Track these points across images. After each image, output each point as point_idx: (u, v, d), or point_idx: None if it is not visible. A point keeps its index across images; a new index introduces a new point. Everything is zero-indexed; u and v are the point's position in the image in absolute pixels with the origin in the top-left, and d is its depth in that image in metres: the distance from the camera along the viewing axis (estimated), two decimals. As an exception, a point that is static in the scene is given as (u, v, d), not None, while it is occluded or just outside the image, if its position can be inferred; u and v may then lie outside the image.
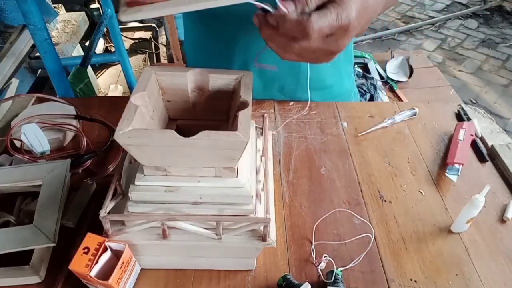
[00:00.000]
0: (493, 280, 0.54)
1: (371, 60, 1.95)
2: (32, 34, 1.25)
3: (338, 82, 0.85)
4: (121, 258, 0.47)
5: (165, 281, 0.53)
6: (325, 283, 0.52)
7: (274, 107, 0.83)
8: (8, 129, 0.72)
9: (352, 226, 0.61)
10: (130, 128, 0.41)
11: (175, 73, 0.50)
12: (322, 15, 0.42)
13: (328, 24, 0.42)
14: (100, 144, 0.73)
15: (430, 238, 0.60)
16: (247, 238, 0.49)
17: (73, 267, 0.45)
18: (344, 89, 0.88)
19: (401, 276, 0.54)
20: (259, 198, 0.49)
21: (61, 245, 0.54)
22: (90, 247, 0.46)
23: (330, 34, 0.43)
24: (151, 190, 0.46)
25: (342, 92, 0.87)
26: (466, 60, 2.76)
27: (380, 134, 0.78)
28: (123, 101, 0.47)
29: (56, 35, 1.87)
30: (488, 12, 3.28)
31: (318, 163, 0.71)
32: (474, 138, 0.75)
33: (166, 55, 2.64)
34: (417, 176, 0.69)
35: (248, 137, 0.41)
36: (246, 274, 0.54)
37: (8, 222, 0.57)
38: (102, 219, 0.46)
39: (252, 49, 0.74)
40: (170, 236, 0.48)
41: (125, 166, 0.52)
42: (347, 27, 0.43)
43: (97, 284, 0.46)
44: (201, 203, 0.47)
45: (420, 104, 0.84)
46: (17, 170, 0.62)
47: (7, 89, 1.49)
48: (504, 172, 0.70)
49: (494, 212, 0.63)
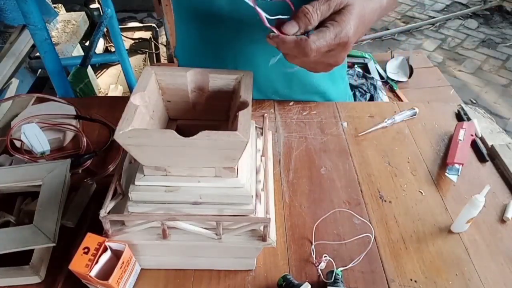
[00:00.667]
0: (493, 280, 0.54)
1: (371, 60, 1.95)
2: (32, 34, 1.25)
3: (332, 86, 0.84)
4: (121, 258, 0.47)
5: (165, 281, 0.53)
6: (325, 283, 0.52)
7: (274, 107, 0.83)
8: (8, 129, 0.72)
9: (352, 226, 0.61)
10: (130, 128, 0.41)
11: (175, 73, 0.50)
12: (320, 36, 0.43)
13: (327, 44, 0.44)
14: (100, 144, 0.73)
15: (430, 238, 0.60)
16: (247, 238, 0.49)
17: (73, 267, 0.45)
18: (339, 92, 0.87)
19: (401, 276, 0.54)
20: (259, 198, 0.49)
21: (61, 245, 0.54)
22: (90, 247, 0.46)
23: (329, 51, 0.45)
24: (151, 190, 0.46)
25: (337, 96, 0.87)
26: (466, 60, 2.76)
27: (380, 134, 0.78)
28: (123, 101, 0.47)
29: (56, 35, 1.87)
30: (488, 12, 3.29)
31: (318, 163, 0.71)
32: (474, 138, 0.74)
33: (166, 55, 2.63)
34: (417, 176, 0.69)
35: (248, 137, 0.41)
36: (246, 274, 0.54)
37: (8, 222, 0.57)
38: (102, 219, 0.46)
39: (244, 54, 0.74)
40: (170, 236, 0.48)
41: (125, 166, 0.52)
42: (345, 44, 0.45)
43: (97, 284, 0.46)
44: (201, 203, 0.47)
45: (420, 104, 0.84)
46: (17, 170, 0.62)
47: (7, 89, 1.49)
48: (504, 172, 0.70)
49: (494, 212, 0.63)
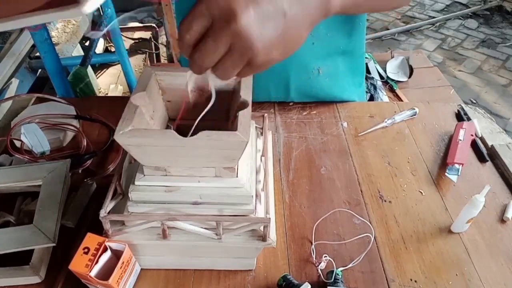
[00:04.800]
0: (493, 280, 0.54)
1: (371, 60, 1.94)
2: (32, 34, 1.25)
3: (341, 94, 0.83)
4: (121, 258, 0.47)
5: (165, 281, 0.53)
6: (325, 283, 0.52)
7: (274, 107, 0.83)
8: (8, 129, 0.72)
9: (352, 226, 0.61)
10: (130, 128, 0.41)
11: (175, 73, 0.50)
12: None
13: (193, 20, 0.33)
14: (100, 144, 0.73)
15: (430, 238, 0.59)
16: (247, 238, 0.49)
17: (73, 267, 0.45)
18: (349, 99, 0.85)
19: (401, 276, 0.54)
20: (259, 198, 0.49)
21: (61, 245, 0.54)
22: (90, 247, 0.46)
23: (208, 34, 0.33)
24: (151, 190, 0.46)
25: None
26: (466, 60, 2.76)
27: (380, 134, 0.78)
28: (123, 101, 0.47)
29: (56, 35, 1.87)
30: (488, 12, 3.28)
31: (318, 163, 0.71)
32: (474, 138, 0.74)
33: (166, 55, 2.63)
34: (417, 176, 0.69)
35: (248, 137, 0.41)
36: (246, 274, 0.54)
37: (8, 222, 0.57)
38: (102, 219, 0.46)
39: None
40: (170, 236, 0.48)
41: (125, 166, 0.52)
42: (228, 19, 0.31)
43: (97, 284, 0.46)
44: (201, 203, 0.47)
45: (420, 104, 0.84)
46: (17, 170, 0.62)
47: (7, 89, 1.49)
48: (504, 172, 0.70)
49: (494, 212, 0.63)
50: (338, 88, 0.82)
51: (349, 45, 0.76)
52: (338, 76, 0.79)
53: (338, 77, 0.80)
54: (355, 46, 0.78)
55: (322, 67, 0.77)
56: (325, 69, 0.77)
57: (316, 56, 0.75)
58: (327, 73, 0.78)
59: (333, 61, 0.77)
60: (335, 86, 0.81)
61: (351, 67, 0.81)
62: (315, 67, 0.76)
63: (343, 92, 0.83)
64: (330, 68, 0.77)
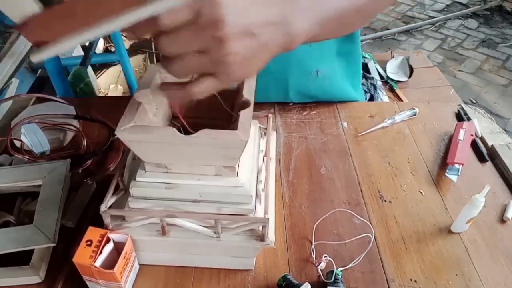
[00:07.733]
0: (493, 280, 0.54)
1: (371, 60, 1.94)
2: (32, 34, 1.25)
3: (340, 95, 0.84)
4: (124, 248, 0.47)
5: (165, 280, 0.53)
6: (325, 283, 0.52)
7: (274, 108, 0.83)
8: (8, 129, 0.72)
9: (352, 226, 0.61)
10: (132, 125, 0.41)
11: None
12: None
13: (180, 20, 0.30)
14: (100, 144, 0.73)
15: (430, 238, 0.59)
16: (245, 237, 0.49)
17: (77, 260, 0.45)
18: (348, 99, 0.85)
19: (401, 276, 0.54)
20: (259, 198, 0.49)
21: (61, 245, 0.54)
22: (92, 239, 0.46)
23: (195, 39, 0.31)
24: (151, 187, 0.46)
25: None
26: (466, 60, 2.76)
27: (380, 134, 0.78)
28: (123, 101, 0.47)
29: (56, 35, 1.86)
30: (488, 12, 3.28)
31: (318, 163, 0.71)
32: (474, 138, 0.74)
33: (166, 55, 2.63)
34: (417, 176, 0.69)
35: (248, 137, 0.41)
36: (246, 274, 0.54)
37: (8, 222, 0.57)
38: (103, 213, 0.46)
39: None
40: (169, 233, 0.48)
41: (128, 162, 0.53)
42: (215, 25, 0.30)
43: (100, 277, 0.46)
44: (201, 201, 0.47)
45: (420, 104, 0.84)
46: (17, 170, 0.62)
47: (7, 89, 1.49)
48: (504, 172, 0.70)
49: (494, 212, 0.63)
50: (336, 89, 0.83)
51: (345, 47, 0.78)
52: (336, 77, 0.81)
53: (336, 79, 0.81)
54: (351, 48, 0.79)
55: (320, 69, 0.78)
56: (323, 71, 0.79)
57: (314, 58, 0.77)
58: (326, 74, 0.79)
59: (330, 63, 0.79)
60: (334, 87, 0.82)
61: (348, 69, 0.82)
62: (313, 68, 0.78)
63: (342, 93, 0.84)
64: (328, 69, 0.79)
